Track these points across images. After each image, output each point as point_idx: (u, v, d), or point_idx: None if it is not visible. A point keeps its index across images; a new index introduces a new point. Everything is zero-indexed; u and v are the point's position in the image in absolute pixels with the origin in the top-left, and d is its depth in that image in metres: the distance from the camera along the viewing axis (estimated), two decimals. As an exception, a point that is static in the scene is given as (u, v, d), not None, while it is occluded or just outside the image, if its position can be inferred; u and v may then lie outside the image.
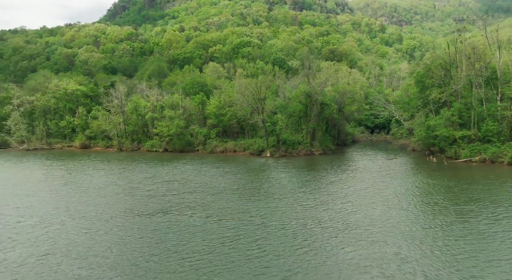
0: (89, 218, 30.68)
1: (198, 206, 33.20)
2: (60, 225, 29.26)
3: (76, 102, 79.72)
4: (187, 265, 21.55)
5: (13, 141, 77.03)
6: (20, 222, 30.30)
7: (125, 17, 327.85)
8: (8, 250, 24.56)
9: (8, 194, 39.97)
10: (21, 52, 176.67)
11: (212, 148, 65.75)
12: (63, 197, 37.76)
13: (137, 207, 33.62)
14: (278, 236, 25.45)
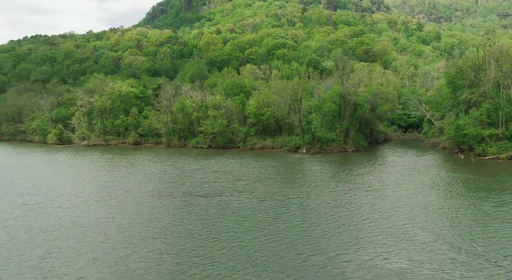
0: (160, 197, 38.23)
1: (245, 191, 39.94)
2: (135, 201, 36.98)
3: (128, 103, 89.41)
4: (244, 229, 28.18)
5: (75, 137, 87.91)
6: (105, 197, 38.40)
7: (163, 20, 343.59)
8: (104, 210, 32.42)
9: (91, 180, 48.69)
10: (72, 56, 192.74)
11: (251, 145, 72.68)
12: (132, 183, 45.83)
13: (195, 190, 40.88)
14: (313, 212, 31.59)
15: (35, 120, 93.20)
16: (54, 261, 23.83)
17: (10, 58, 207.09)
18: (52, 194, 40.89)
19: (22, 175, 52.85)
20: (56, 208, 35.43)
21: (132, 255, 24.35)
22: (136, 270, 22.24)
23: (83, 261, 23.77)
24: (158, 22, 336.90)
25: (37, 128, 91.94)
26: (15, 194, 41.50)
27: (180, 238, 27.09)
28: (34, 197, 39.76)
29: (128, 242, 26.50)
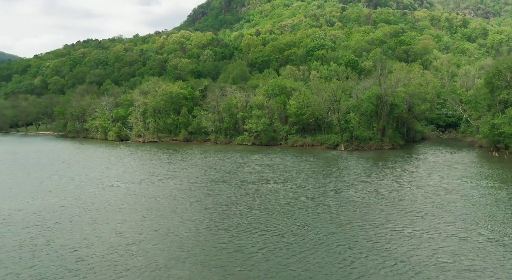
0: (217, 184, 45.57)
1: (288, 180, 46.39)
2: (198, 186, 44.50)
3: (179, 103, 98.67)
4: (290, 207, 34.62)
5: (132, 135, 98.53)
6: (172, 183, 46.29)
7: (204, 22, 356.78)
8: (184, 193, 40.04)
9: (155, 169, 57.20)
10: (122, 60, 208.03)
11: (292, 142, 78.98)
12: (192, 172, 53.70)
13: (245, 179, 47.88)
14: (348, 196, 37.43)
15: (97, 119, 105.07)
16: (144, 220, 31.51)
17: (67, 62, 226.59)
18: (130, 180, 49.46)
19: (98, 165, 62.50)
20: (136, 189, 43.65)
21: (206, 221, 31.49)
22: (205, 230, 29.35)
23: (161, 219, 31.25)
24: (199, 24, 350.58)
25: (99, 126, 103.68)
26: (102, 180, 50.51)
27: (242, 212, 33.97)
28: (119, 183, 48.46)
29: (200, 214, 33.78)
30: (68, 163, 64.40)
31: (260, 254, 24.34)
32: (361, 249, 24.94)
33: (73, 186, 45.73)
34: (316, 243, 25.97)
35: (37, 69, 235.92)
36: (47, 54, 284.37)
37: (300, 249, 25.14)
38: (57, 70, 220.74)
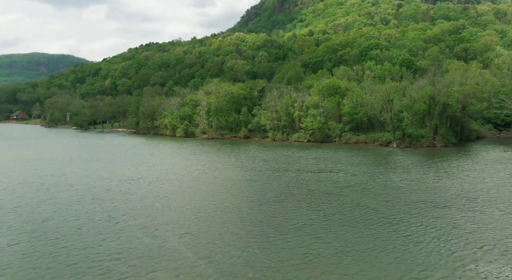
0: (279, 172, 53.71)
1: (340, 170, 53.28)
2: (263, 174, 52.94)
3: (239, 103, 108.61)
4: (347, 190, 41.78)
5: (198, 131, 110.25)
6: (240, 171, 55.24)
7: (257, 23, 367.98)
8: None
9: (224, 161, 66.85)
10: (183, 62, 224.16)
11: (346, 139, 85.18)
12: (256, 163, 62.41)
13: (302, 169, 55.50)
14: (393, 183, 43.68)
15: (166, 118, 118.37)
16: (225, 195, 40.31)
17: (133, 65, 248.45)
18: (206, 167, 59.24)
19: (177, 156, 73.61)
20: (214, 174, 53.13)
21: (272, 201, 39.65)
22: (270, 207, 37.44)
23: (232, 195, 39.83)
24: (252, 25, 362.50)
25: (168, 124, 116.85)
26: (185, 166, 60.89)
27: (302, 192, 41.72)
28: (198, 169, 58.49)
29: (269, 193, 42.08)
30: (151, 154, 76.39)
31: (326, 220, 31.89)
32: (394, 220, 31.64)
33: (165, 170, 56.34)
34: (361, 214, 32.94)
35: (106, 72, 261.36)
36: (114, 57, 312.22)
37: (352, 216, 32.30)
38: (124, 72, 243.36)
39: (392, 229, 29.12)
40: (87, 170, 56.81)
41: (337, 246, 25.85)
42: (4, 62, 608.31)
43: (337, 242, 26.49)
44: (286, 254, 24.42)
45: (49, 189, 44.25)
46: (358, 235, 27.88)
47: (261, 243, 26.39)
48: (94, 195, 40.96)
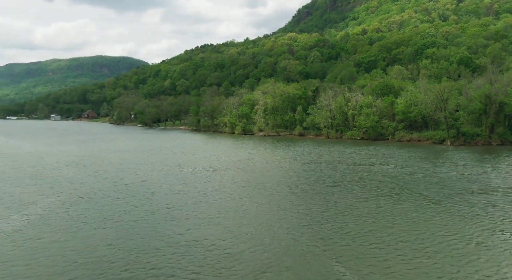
0: (334, 164, 60.08)
1: (390, 164, 58.34)
2: (319, 167, 59.59)
3: (294, 102, 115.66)
4: (396, 179, 47.31)
5: (255, 129, 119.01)
6: (298, 163, 62.31)
7: (308, 22, 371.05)
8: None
9: (283, 153, 74.42)
10: (237, 63, 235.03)
11: (399, 137, 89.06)
12: (312, 156, 69.12)
13: (355, 162, 61.33)
14: (440, 174, 48.34)
15: (225, 116, 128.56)
16: (287, 181, 47.57)
17: (190, 66, 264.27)
18: (268, 159, 67.10)
19: (240, 150, 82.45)
20: (275, 164, 60.76)
21: (328, 187, 46.23)
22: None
23: (288, 180, 46.86)
24: (303, 25, 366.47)
25: (227, 122, 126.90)
26: (249, 158, 69.35)
27: (355, 180, 47.88)
28: (261, 161, 66.56)
29: (327, 180, 48.81)
30: (216, 148, 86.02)
31: (376, 200, 38.11)
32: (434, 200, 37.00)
33: (232, 161, 65.05)
34: (406, 196, 38.53)
35: (166, 73, 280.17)
36: (172, 59, 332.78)
37: (399, 197, 38.12)
38: (182, 73, 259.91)
39: (432, 206, 34.75)
40: (172, 159, 67.12)
41: (388, 215, 32.22)
42: (73, 65, 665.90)
43: (387, 214, 32.85)
44: (340, 219, 31.23)
45: (160, 170, 54.52)
46: (404, 210, 33.96)
47: (322, 214, 33.41)
48: (186, 177, 50.35)
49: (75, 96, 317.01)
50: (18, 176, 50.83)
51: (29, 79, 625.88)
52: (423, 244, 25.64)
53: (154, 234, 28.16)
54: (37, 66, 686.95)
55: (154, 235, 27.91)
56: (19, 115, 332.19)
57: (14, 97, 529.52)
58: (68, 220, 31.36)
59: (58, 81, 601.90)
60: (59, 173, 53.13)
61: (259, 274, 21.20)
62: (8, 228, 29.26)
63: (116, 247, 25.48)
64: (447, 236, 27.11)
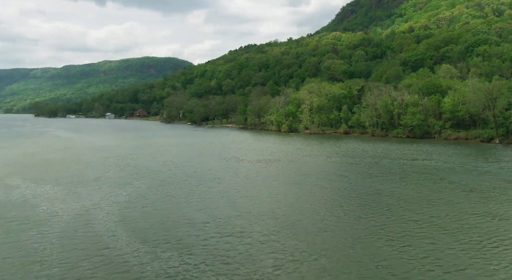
0: (379, 158, 64.48)
1: (433, 159, 61.76)
2: (363, 161, 64.26)
3: (339, 101, 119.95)
4: (438, 171, 51.26)
5: (301, 127, 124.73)
6: (343, 158, 67.32)
7: (353, 20, 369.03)
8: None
9: (329, 148, 79.71)
10: (281, 63, 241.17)
11: (446, 136, 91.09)
12: (356, 151, 73.75)
13: (399, 157, 65.28)
14: (481, 169, 51.55)
15: (272, 115, 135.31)
16: (334, 172, 52.93)
17: (235, 66, 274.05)
18: (314, 154, 72.72)
19: (289, 146, 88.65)
20: (322, 158, 66.25)
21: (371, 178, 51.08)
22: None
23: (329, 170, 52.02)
24: (347, 23, 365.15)
25: (274, 120, 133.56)
26: (297, 152, 75.41)
27: (398, 172, 52.32)
28: (308, 155, 72.38)
29: (372, 172, 53.68)
30: (266, 144, 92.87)
31: (417, 187, 42.72)
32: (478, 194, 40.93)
33: (283, 155, 71.39)
34: (445, 186, 42.70)
35: (211, 73, 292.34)
36: (217, 59, 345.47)
37: (439, 186, 42.47)
38: (227, 73, 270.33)
39: (466, 192, 38.98)
40: (228, 153, 74.74)
41: (425, 198, 37.03)
42: (122, 66, 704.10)
43: (424, 197, 37.67)
44: (384, 201, 36.44)
45: (221, 161, 62.26)
46: (440, 195, 38.52)
47: (367, 196, 38.76)
48: (244, 166, 57.45)
49: (127, 96, 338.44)
50: (106, 164, 60.49)
51: (83, 80, 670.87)
52: (452, 218, 30.70)
53: (231, 205, 35.25)
54: (90, 67, 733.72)
55: (231, 206, 34.99)
56: (77, 114, 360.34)
57: (70, 97, 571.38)
58: (160, 196, 39.31)
59: (109, 82, 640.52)
60: (137, 163, 62.32)
61: (323, 250, 27.35)
62: (120, 199, 37.64)
63: (207, 212, 32.85)
64: (476, 213, 31.87)
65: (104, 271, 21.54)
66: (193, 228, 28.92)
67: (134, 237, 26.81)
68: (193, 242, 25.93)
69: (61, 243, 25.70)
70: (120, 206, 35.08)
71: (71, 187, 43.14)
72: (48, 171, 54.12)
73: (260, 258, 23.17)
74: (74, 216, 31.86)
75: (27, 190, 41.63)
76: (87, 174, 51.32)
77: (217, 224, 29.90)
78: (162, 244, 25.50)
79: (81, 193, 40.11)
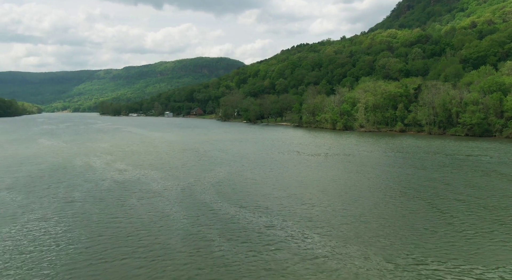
0: (431, 154, 68.18)
1: (488, 155, 64.17)
2: (416, 156, 68.23)
3: (395, 100, 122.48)
4: (494, 166, 54.53)
5: (356, 125, 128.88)
6: (406, 155, 71.62)
7: (409, 16, 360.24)
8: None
9: (391, 143, 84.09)
10: (335, 62, 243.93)
11: (508, 134, 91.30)
12: (412, 148, 77.47)
13: (454, 153, 68.40)
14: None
15: (327, 113, 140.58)
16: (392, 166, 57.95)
17: (288, 66, 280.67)
18: (371, 150, 77.68)
19: (346, 142, 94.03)
20: (379, 154, 71.14)
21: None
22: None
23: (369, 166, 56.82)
24: (403, 19, 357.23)
25: (329, 119, 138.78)
26: (356, 148, 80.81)
27: (453, 166, 56.24)
28: (365, 152, 77.55)
29: (428, 165, 58.01)
30: (322, 140, 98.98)
31: (472, 178, 46.98)
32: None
33: (340, 150, 77.31)
34: (498, 175, 46.44)
35: (264, 73, 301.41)
36: (270, 59, 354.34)
37: (490, 177, 46.44)
38: (280, 73, 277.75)
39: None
40: (288, 147, 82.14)
41: (474, 185, 41.60)
42: (177, 66, 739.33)
43: (473, 184, 42.22)
44: (435, 187, 41.51)
45: (284, 153, 70.05)
46: (488, 183, 42.75)
47: (423, 182, 43.97)
48: (305, 159, 64.47)
49: (183, 95, 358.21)
50: (185, 155, 70.56)
51: (141, 80, 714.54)
52: (493, 199, 35.61)
53: (300, 185, 42.55)
54: (147, 68, 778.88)
55: (300, 185, 42.26)
56: (138, 112, 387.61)
57: (130, 96, 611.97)
58: (241, 179, 47.60)
59: (165, 81, 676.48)
60: (211, 154, 71.86)
61: (381, 217, 33.73)
62: (209, 180, 46.49)
63: (283, 190, 40.46)
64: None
65: (219, 223, 29.78)
66: (276, 199, 36.59)
67: (230, 203, 35.04)
68: (279, 208, 33.57)
69: (180, 206, 34.56)
70: (212, 184, 43.79)
71: (166, 171, 52.95)
72: (141, 159, 64.99)
73: (329, 221, 30.18)
74: (180, 190, 40.96)
75: (133, 172, 52.01)
76: (174, 162, 61.34)
77: (293, 197, 37.32)
78: (251, 207, 33.41)
79: (176, 175, 49.60)
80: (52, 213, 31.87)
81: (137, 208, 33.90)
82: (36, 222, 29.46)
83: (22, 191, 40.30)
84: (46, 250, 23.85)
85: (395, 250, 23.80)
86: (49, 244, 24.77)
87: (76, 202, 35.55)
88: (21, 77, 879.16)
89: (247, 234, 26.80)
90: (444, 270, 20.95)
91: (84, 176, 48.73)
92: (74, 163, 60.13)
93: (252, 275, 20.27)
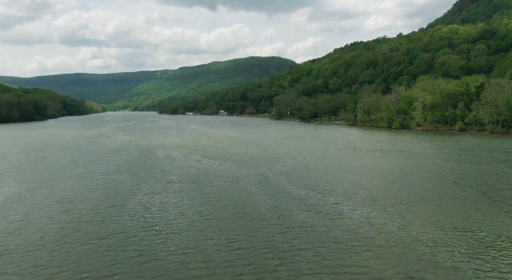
0: (487, 151, 69.47)
1: None
2: (471, 154, 69.88)
3: (455, 99, 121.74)
4: None
5: (413, 124, 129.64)
6: (461, 152, 73.57)
7: (473, 9, 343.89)
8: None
9: (445, 147, 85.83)
10: (390, 60, 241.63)
11: None
12: (462, 145, 78.77)
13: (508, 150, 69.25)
14: None
15: (383, 112, 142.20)
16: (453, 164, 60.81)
17: (342, 64, 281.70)
18: (430, 147, 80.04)
19: (403, 142, 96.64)
20: (434, 151, 73.70)
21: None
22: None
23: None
24: (466, 13, 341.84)
25: (385, 117, 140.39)
26: (413, 146, 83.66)
27: (508, 161, 58.10)
28: (423, 149, 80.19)
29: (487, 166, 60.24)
30: (378, 137, 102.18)
31: None
32: None
33: (398, 147, 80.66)
34: None
35: (317, 72, 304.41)
36: (323, 58, 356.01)
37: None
38: (334, 72, 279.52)
39: None
40: (344, 144, 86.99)
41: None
42: (229, 66, 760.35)
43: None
44: (485, 179, 44.74)
45: (341, 149, 75.40)
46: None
47: (480, 176, 47.31)
48: (362, 154, 69.23)
49: (237, 94, 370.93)
50: (252, 150, 78.23)
51: (195, 80, 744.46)
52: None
53: (358, 174, 47.95)
54: (201, 68, 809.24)
55: (358, 174, 47.67)
56: (194, 111, 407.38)
57: (185, 96, 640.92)
58: (306, 169, 53.91)
59: (218, 81, 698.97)
60: (273, 149, 78.87)
61: (432, 200, 38.45)
62: (280, 169, 53.34)
63: (349, 179, 46.16)
64: None
65: (294, 200, 36.34)
66: (339, 184, 42.55)
67: (300, 187, 41.53)
68: (343, 191, 39.51)
69: (258, 188, 41.65)
70: (281, 172, 50.65)
71: (237, 162, 60.71)
72: (212, 152, 73.59)
73: (387, 201, 35.60)
74: (254, 177, 48.17)
75: (210, 162, 60.36)
76: (241, 155, 69.16)
77: (354, 184, 43.01)
78: (319, 190, 39.64)
79: (248, 165, 57.09)
80: (161, 189, 40.48)
81: (225, 188, 41.52)
82: (153, 195, 38.09)
83: (127, 174, 49.83)
84: (169, 214, 31.96)
85: (447, 222, 28.93)
86: (171, 209, 32.92)
87: (174, 183, 44.08)
88: (87, 78, 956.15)
89: (320, 208, 33.21)
90: (493, 237, 25.86)
91: (170, 165, 57.83)
92: (157, 154, 70.04)
93: (328, 235, 26.63)
